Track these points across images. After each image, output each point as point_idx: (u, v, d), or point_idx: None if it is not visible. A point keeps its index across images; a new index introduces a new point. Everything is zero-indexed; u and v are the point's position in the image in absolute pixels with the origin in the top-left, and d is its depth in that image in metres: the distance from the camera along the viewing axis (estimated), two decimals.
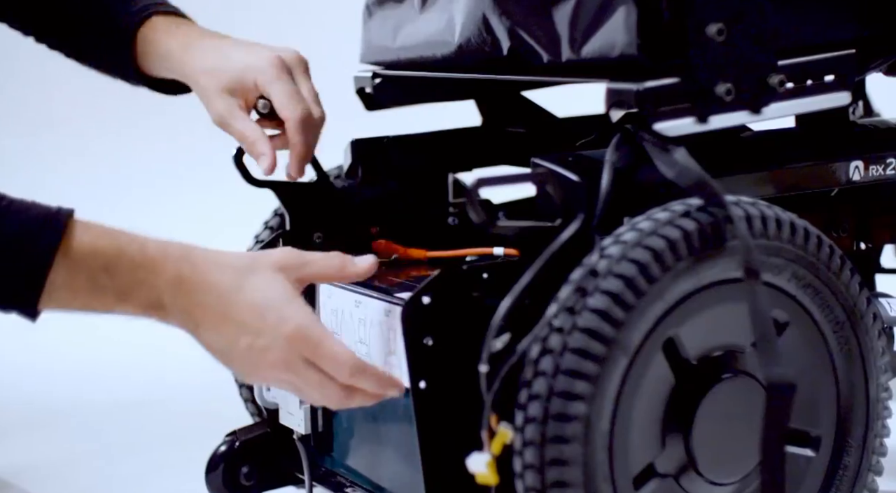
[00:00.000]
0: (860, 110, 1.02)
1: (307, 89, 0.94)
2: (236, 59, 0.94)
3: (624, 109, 0.82)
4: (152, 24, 0.97)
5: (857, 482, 0.86)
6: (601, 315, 0.75)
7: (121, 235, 0.79)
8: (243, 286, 0.80)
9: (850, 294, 0.85)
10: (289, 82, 0.93)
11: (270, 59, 0.93)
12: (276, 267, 0.82)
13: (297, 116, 0.92)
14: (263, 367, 0.80)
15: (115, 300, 0.78)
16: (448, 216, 1.03)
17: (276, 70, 0.93)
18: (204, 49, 0.95)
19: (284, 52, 0.95)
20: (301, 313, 0.80)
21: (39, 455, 1.26)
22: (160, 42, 0.97)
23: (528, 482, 0.76)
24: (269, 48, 0.95)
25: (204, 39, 0.96)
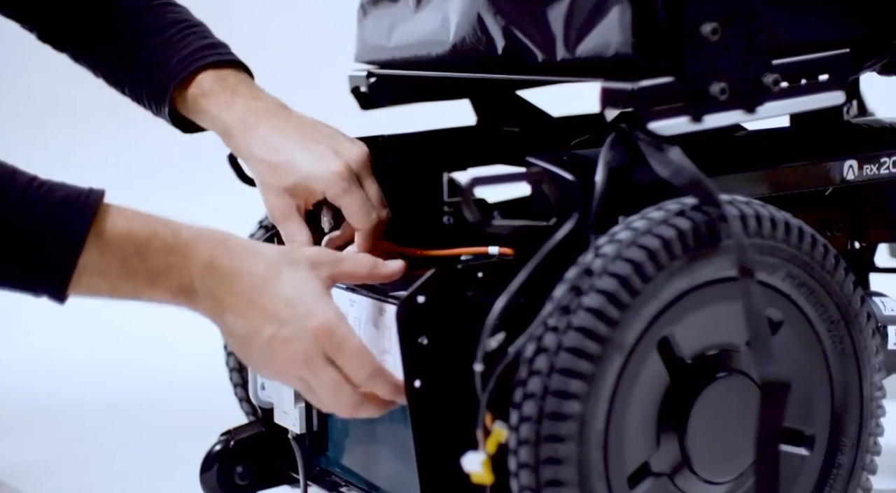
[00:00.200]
0: (854, 110, 1.02)
1: (374, 193, 0.93)
2: (303, 163, 0.91)
3: (619, 109, 0.82)
4: (200, 84, 0.95)
5: (851, 481, 0.87)
6: (596, 314, 0.75)
7: (154, 220, 0.78)
8: (276, 277, 0.80)
9: (845, 293, 0.85)
10: (359, 193, 0.91)
11: (339, 171, 0.91)
12: (311, 263, 0.82)
13: (369, 226, 0.92)
14: (281, 359, 0.80)
15: (146, 284, 0.77)
16: (443, 215, 1.03)
17: (346, 182, 0.91)
18: (267, 138, 0.93)
19: (350, 155, 0.92)
20: (330, 309, 0.80)
21: (34, 455, 1.26)
22: (213, 113, 0.95)
23: (522, 480, 0.76)
24: (334, 150, 0.92)
25: (264, 121, 0.93)
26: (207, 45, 0.97)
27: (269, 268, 0.80)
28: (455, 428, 0.81)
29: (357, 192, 0.91)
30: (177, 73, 0.95)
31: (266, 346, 0.80)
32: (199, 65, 0.95)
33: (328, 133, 0.95)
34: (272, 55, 2.27)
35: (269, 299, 0.79)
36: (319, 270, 0.82)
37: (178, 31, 0.97)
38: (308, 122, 0.95)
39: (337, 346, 0.80)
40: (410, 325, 0.82)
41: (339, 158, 0.92)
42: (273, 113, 0.94)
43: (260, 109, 0.95)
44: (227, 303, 0.79)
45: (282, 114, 0.95)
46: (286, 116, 0.95)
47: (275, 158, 0.92)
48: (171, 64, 0.96)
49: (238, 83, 0.96)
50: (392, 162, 1.04)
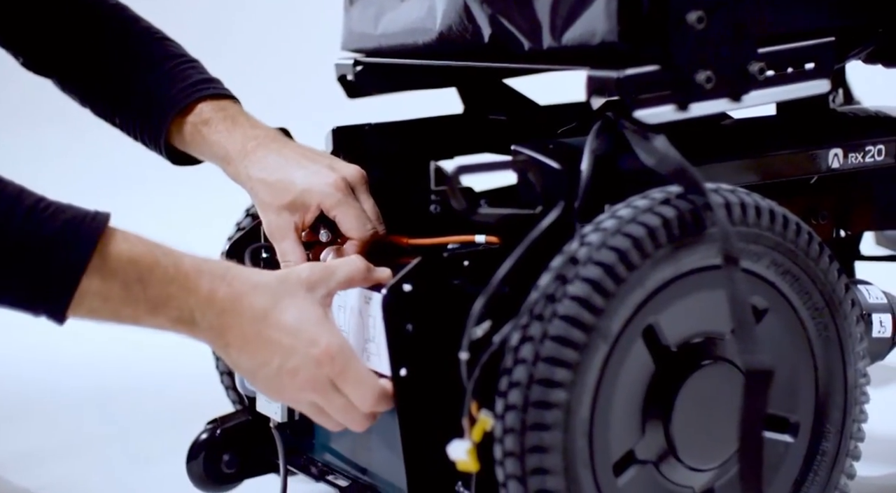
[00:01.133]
0: (840, 98, 1.03)
1: (370, 207, 0.94)
2: (299, 178, 0.92)
3: (605, 97, 0.82)
4: (200, 113, 0.96)
5: (835, 467, 0.87)
6: (581, 303, 0.75)
7: (157, 247, 0.79)
8: (276, 307, 0.81)
9: (829, 281, 0.85)
10: (353, 204, 0.92)
11: (334, 182, 0.92)
12: (307, 286, 0.83)
13: (364, 236, 0.92)
14: (292, 389, 0.81)
15: (146, 312, 0.78)
16: (429, 204, 1.03)
17: (340, 193, 0.92)
18: (264, 161, 0.94)
19: (346, 170, 0.93)
20: (331, 334, 0.81)
21: (23, 444, 1.26)
22: (212, 140, 0.96)
23: (508, 468, 0.76)
24: (330, 166, 0.93)
25: (263, 147, 0.95)
26: (206, 79, 0.99)
27: (268, 299, 0.81)
28: (441, 416, 0.81)
29: (352, 203, 0.92)
30: (177, 103, 0.97)
31: (275, 377, 0.81)
32: (201, 95, 0.97)
33: (325, 156, 0.96)
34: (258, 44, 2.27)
35: (271, 332, 0.80)
36: (316, 291, 0.83)
37: (177, 64, 0.99)
38: (306, 148, 0.97)
39: (340, 373, 0.81)
40: (396, 313, 0.83)
41: (335, 172, 0.93)
42: (272, 139, 0.96)
43: (260, 135, 0.96)
44: (228, 338, 0.80)
45: (280, 140, 0.96)
46: (284, 143, 0.96)
47: (272, 177, 0.93)
48: (172, 93, 0.97)
49: (238, 114, 0.98)
50: (378, 150, 1.04)
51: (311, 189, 0.92)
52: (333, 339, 0.81)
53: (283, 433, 0.97)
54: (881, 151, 0.95)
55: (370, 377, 0.82)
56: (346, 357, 0.81)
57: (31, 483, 1.15)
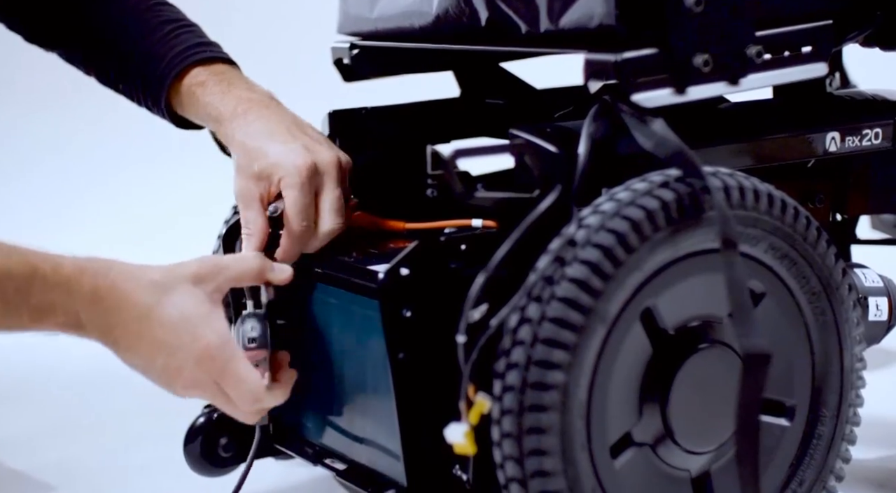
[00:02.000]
0: (837, 82, 1.02)
1: (329, 201, 0.91)
2: (273, 150, 0.91)
3: (602, 80, 0.82)
4: (196, 76, 0.96)
5: (830, 451, 0.87)
6: (579, 285, 0.75)
7: (32, 255, 0.78)
8: (160, 303, 0.81)
9: (826, 265, 0.85)
10: (304, 195, 0.90)
11: (299, 165, 0.90)
12: (194, 280, 0.83)
13: (295, 230, 0.91)
14: (181, 386, 0.83)
15: (32, 321, 0.79)
16: (426, 188, 1.03)
17: (299, 178, 0.90)
18: (251, 125, 0.93)
19: (322, 155, 0.92)
20: (214, 332, 0.82)
21: (16, 428, 1.26)
22: (206, 101, 0.96)
23: (505, 450, 0.76)
24: (306, 146, 0.92)
25: (253, 111, 0.94)
26: (203, 43, 0.99)
27: (152, 294, 0.81)
28: (438, 400, 0.81)
29: (304, 192, 0.90)
30: (175, 65, 0.97)
31: (163, 374, 0.82)
32: (197, 58, 0.97)
33: (312, 135, 0.95)
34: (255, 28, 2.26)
35: (155, 328, 0.81)
36: (204, 285, 0.83)
37: (174, 28, 0.99)
38: (297, 120, 0.96)
39: (220, 373, 0.82)
40: (394, 297, 0.82)
41: (309, 155, 0.91)
42: (264, 105, 0.95)
43: (254, 99, 0.96)
44: (116, 336, 0.80)
45: (272, 107, 0.96)
46: (276, 109, 0.96)
47: (251, 143, 0.93)
48: (169, 57, 0.97)
49: (234, 77, 0.98)
50: (375, 134, 1.03)
51: (279, 164, 0.91)
52: (214, 337, 0.81)
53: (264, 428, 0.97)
54: (878, 135, 0.95)
55: (249, 377, 0.83)
56: (227, 357, 0.82)
57: (25, 466, 1.15)
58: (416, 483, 0.84)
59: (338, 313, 0.92)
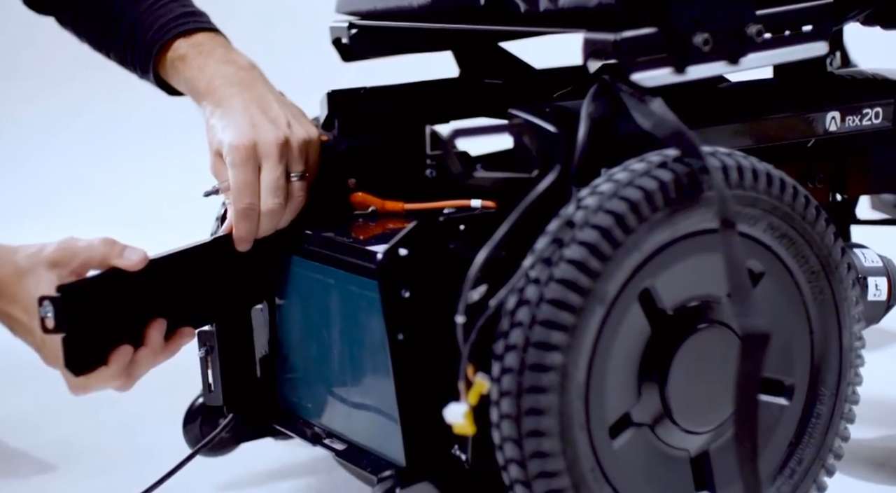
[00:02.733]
0: (837, 61, 1.02)
1: (266, 180, 0.91)
2: (221, 127, 0.92)
3: (601, 60, 0.82)
4: (177, 49, 0.97)
5: (829, 430, 0.87)
6: (578, 266, 0.75)
7: None
8: (18, 284, 0.87)
9: (825, 244, 0.85)
10: (242, 173, 0.91)
11: (239, 142, 0.90)
12: (49, 264, 0.88)
13: (235, 209, 0.92)
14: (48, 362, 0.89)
15: None
16: (425, 168, 1.03)
17: (237, 156, 0.91)
18: (222, 101, 0.94)
19: (264, 135, 0.91)
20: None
21: (17, 407, 1.26)
22: (186, 76, 0.97)
23: (504, 431, 0.76)
24: (257, 125, 0.92)
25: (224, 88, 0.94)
26: (188, 13, 0.99)
27: (11, 275, 0.87)
28: (437, 380, 0.81)
29: (240, 171, 0.91)
30: (157, 39, 0.98)
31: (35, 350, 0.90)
32: (179, 31, 0.97)
33: (274, 111, 0.94)
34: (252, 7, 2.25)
35: (13, 307, 0.87)
36: (59, 269, 0.88)
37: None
38: (264, 96, 0.95)
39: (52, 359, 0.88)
40: (392, 278, 0.82)
41: (251, 133, 0.91)
42: (236, 81, 0.95)
43: (227, 74, 0.96)
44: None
45: (245, 82, 0.96)
46: (247, 84, 0.95)
47: (210, 121, 0.94)
48: (153, 30, 0.98)
49: (214, 48, 0.98)
50: (374, 114, 1.03)
51: (223, 142, 0.92)
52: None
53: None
54: (878, 114, 0.95)
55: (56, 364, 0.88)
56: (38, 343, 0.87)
57: (26, 445, 1.15)
58: (415, 463, 0.85)
59: (336, 294, 0.92)
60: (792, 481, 0.87)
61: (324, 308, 0.94)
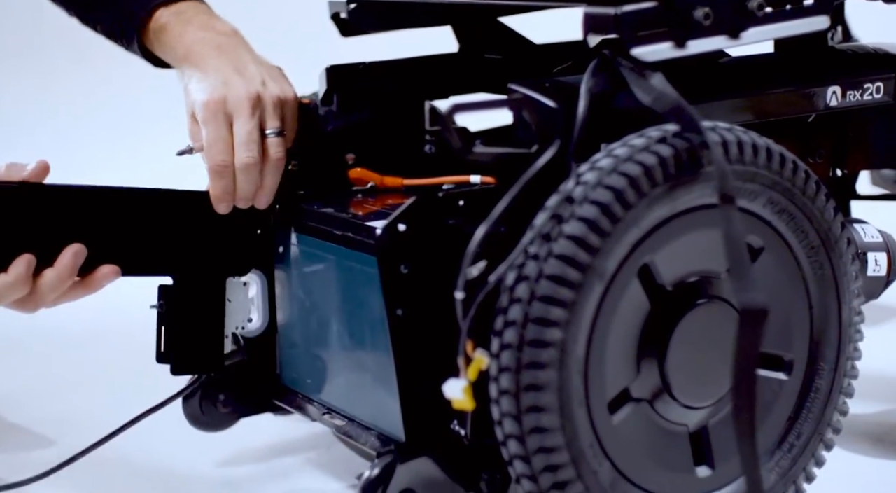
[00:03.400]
0: (839, 35, 1.01)
1: (238, 134, 0.91)
2: (193, 88, 0.92)
3: (601, 34, 0.81)
4: (158, 19, 0.97)
5: (828, 404, 0.88)
6: (577, 242, 0.75)
7: None
8: None
9: (825, 219, 0.85)
10: (213, 129, 0.90)
11: (209, 98, 0.90)
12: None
13: (209, 166, 0.91)
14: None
15: None
16: (424, 144, 1.03)
17: (207, 112, 0.90)
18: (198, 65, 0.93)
19: (234, 90, 0.91)
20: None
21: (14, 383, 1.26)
22: (167, 44, 0.97)
23: (503, 407, 0.76)
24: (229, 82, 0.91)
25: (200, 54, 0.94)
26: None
27: None
28: (436, 356, 0.81)
29: (211, 127, 0.90)
30: (140, 9, 0.97)
31: None
32: (157, 3, 0.97)
33: (251, 71, 0.94)
34: None
35: None
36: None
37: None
38: (241, 59, 0.95)
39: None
40: (391, 253, 0.82)
41: (221, 89, 0.91)
42: (215, 45, 0.95)
43: (206, 39, 0.95)
44: None
45: (224, 46, 0.95)
46: (225, 48, 0.95)
47: (186, 84, 0.94)
48: (130, 4, 0.98)
49: (195, 15, 0.97)
50: (373, 90, 1.03)
51: (194, 101, 0.92)
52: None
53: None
54: (879, 89, 0.95)
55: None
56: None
57: (25, 420, 1.16)
58: (415, 439, 0.85)
59: (336, 270, 0.92)
60: (790, 455, 0.87)
61: (323, 284, 0.94)
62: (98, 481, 1.01)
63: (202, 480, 1.02)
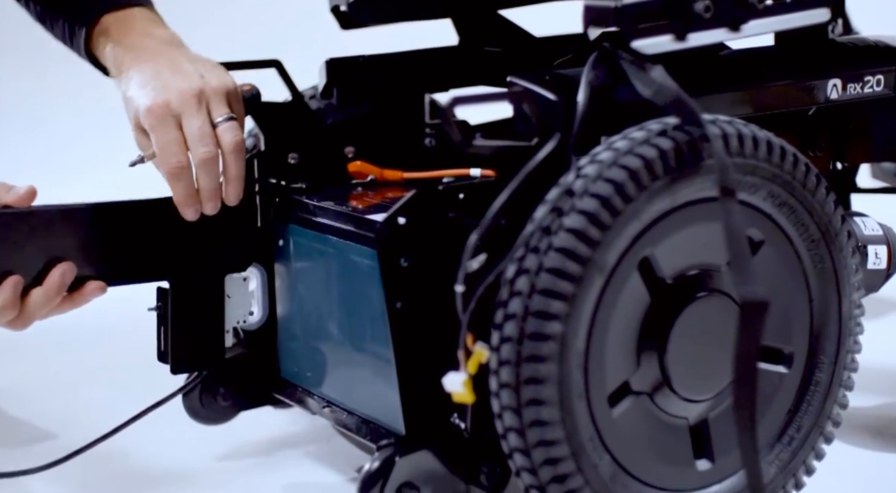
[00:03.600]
0: (839, 28, 1.01)
1: (189, 131, 0.89)
2: (134, 96, 0.91)
3: (602, 27, 0.81)
4: (102, 25, 0.96)
5: (828, 398, 0.88)
6: (577, 235, 0.75)
7: None
8: None
9: (826, 213, 0.85)
10: (162, 132, 0.89)
11: (153, 103, 0.89)
12: None
13: (164, 171, 0.90)
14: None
15: None
16: (424, 137, 1.02)
17: (153, 118, 0.89)
18: (132, 78, 0.92)
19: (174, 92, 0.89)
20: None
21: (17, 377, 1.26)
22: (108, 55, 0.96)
23: (503, 400, 0.76)
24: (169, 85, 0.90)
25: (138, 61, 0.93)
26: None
27: None
28: (436, 349, 0.81)
29: (160, 131, 0.89)
30: (88, 15, 0.97)
31: None
32: (106, 7, 0.97)
33: (187, 71, 0.92)
34: None
35: None
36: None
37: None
38: (182, 57, 0.94)
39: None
40: (391, 247, 0.82)
41: (162, 93, 0.90)
42: (154, 51, 0.94)
43: (146, 46, 0.94)
44: None
45: (163, 52, 0.94)
46: (164, 53, 0.94)
47: (125, 94, 0.93)
48: (84, 7, 0.97)
49: (136, 22, 0.96)
50: (373, 83, 1.02)
51: (138, 109, 0.90)
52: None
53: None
54: (880, 82, 0.95)
55: None
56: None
57: (27, 414, 1.16)
58: (415, 432, 0.85)
59: (336, 263, 0.92)
60: (790, 448, 0.87)
61: (323, 277, 0.94)
62: (99, 475, 1.01)
63: (202, 473, 1.03)
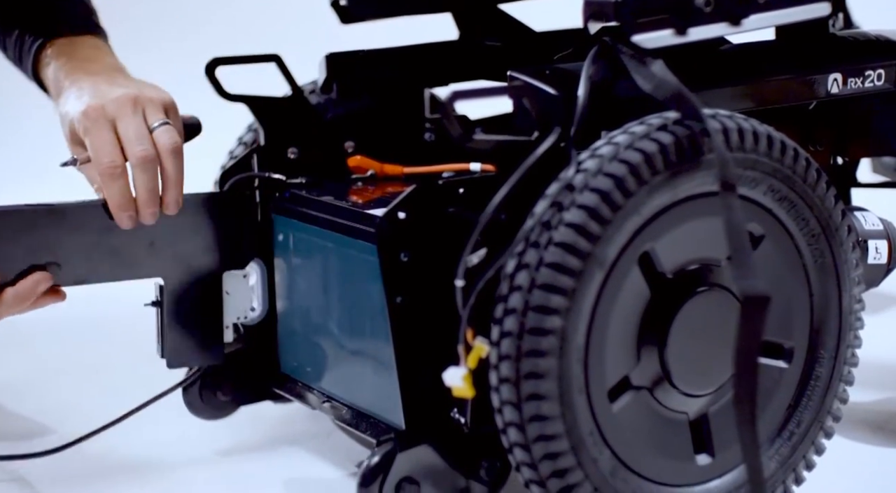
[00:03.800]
0: (840, 22, 1.01)
1: (123, 132, 0.88)
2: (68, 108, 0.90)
3: (602, 22, 0.81)
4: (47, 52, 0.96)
5: (828, 392, 0.88)
6: (577, 230, 0.75)
7: None
8: None
9: (826, 207, 0.85)
10: (96, 134, 0.88)
11: (87, 107, 0.88)
12: None
13: (100, 172, 0.88)
14: None
15: None
16: (424, 132, 1.02)
17: (87, 121, 0.88)
18: (67, 99, 0.91)
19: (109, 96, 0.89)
20: None
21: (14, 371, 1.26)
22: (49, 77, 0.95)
23: (504, 395, 0.76)
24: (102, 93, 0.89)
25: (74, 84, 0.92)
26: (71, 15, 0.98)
27: None
28: (436, 343, 0.81)
29: (94, 134, 0.88)
30: (35, 41, 0.97)
31: None
32: (53, 34, 0.96)
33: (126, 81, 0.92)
34: None
35: None
36: None
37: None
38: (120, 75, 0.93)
39: None
40: (391, 241, 0.82)
41: (95, 99, 0.89)
42: (91, 73, 0.93)
43: (87, 69, 0.93)
44: None
45: (102, 73, 0.93)
46: (103, 73, 0.93)
47: (60, 111, 0.92)
48: (34, 31, 0.97)
49: (82, 49, 0.96)
50: (373, 77, 1.02)
51: (73, 119, 0.90)
52: None
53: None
54: (881, 76, 0.94)
55: None
56: None
57: (25, 408, 1.16)
58: (415, 426, 0.85)
59: (335, 258, 0.92)
60: (790, 443, 0.87)
61: (323, 272, 0.94)
62: (97, 469, 1.01)
63: (201, 468, 1.03)
